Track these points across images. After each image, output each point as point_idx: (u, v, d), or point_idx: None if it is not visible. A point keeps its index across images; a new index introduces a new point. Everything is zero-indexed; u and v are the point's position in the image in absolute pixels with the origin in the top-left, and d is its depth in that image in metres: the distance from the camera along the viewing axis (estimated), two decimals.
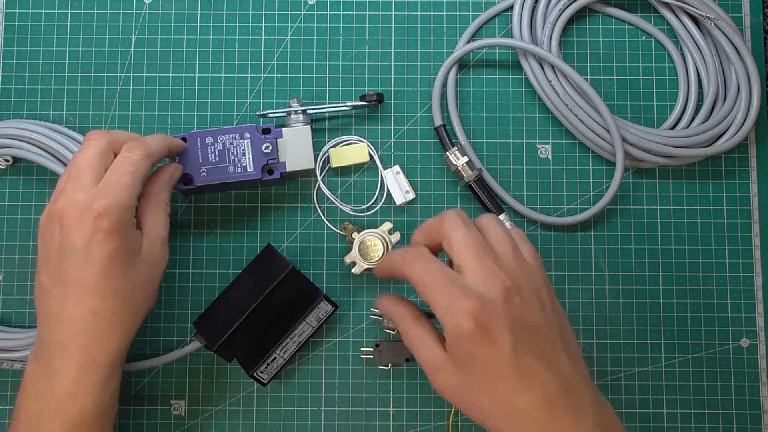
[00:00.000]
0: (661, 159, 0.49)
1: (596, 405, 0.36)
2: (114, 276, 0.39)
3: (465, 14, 0.52)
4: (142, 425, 0.49)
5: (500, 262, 0.36)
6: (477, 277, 0.35)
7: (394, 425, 0.49)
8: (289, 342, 0.47)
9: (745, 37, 0.52)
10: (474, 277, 0.35)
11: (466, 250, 0.36)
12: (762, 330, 0.50)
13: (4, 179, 0.50)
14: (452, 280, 0.35)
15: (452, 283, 0.35)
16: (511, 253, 0.37)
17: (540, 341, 0.35)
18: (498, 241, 0.38)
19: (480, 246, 0.36)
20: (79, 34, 0.52)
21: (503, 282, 0.35)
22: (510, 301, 0.35)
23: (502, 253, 0.37)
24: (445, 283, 0.35)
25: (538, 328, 0.35)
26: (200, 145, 0.46)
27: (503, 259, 0.37)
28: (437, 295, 0.35)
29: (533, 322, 0.35)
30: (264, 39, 0.52)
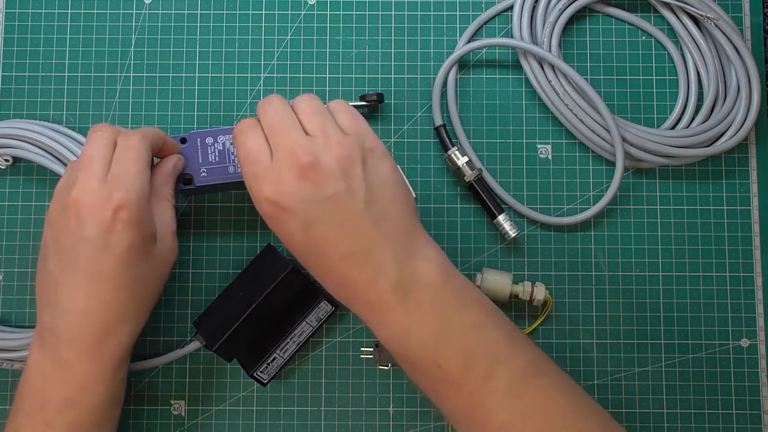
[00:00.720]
0: (661, 159, 0.49)
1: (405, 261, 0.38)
2: (129, 267, 0.39)
3: (465, 14, 0.52)
4: (142, 425, 0.49)
5: (302, 138, 0.38)
6: (277, 158, 0.38)
7: (394, 425, 0.49)
8: (289, 342, 0.47)
9: (745, 37, 0.52)
10: (276, 157, 0.38)
11: (270, 130, 0.39)
12: (762, 330, 0.50)
13: (4, 179, 0.50)
14: (258, 161, 0.38)
15: (257, 164, 0.38)
16: (319, 126, 0.39)
17: (336, 212, 0.37)
18: (307, 116, 0.39)
19: (283, 123, 0.39)
20: (79, 34, 0.52)
21: (299, 159, 0.37)
22: (304, 178, 0.37)
23: (310, 127, 0.39)
24: (251, 163, 0.38)
25: (335, 199, 0.37)
26: (200, 145, 0.46)
27: (310, 133, 0.39)
28: (245, 174, 0.39)
29: (329, 194, 0.37)
30: (264, 39, 0.52)
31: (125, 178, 0.39)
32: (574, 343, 0.49)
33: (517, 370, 0.38)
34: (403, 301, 0.37)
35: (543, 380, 0.38)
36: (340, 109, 0.41)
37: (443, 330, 0.37)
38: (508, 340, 0.39)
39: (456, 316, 0.38)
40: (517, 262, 0.50)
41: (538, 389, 0.38)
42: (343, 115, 0.40)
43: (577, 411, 0.38)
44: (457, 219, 0.50)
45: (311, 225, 0.37)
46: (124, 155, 0.41)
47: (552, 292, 0.50)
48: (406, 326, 0.38)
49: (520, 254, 0.50)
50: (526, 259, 0.50)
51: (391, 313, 0.38)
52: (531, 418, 0.37)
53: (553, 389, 0.38)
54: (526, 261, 0.50)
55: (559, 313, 0.50)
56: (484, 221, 0.50)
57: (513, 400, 0.37)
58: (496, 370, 0.37)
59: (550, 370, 0.39)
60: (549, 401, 0.38)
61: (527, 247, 0.50)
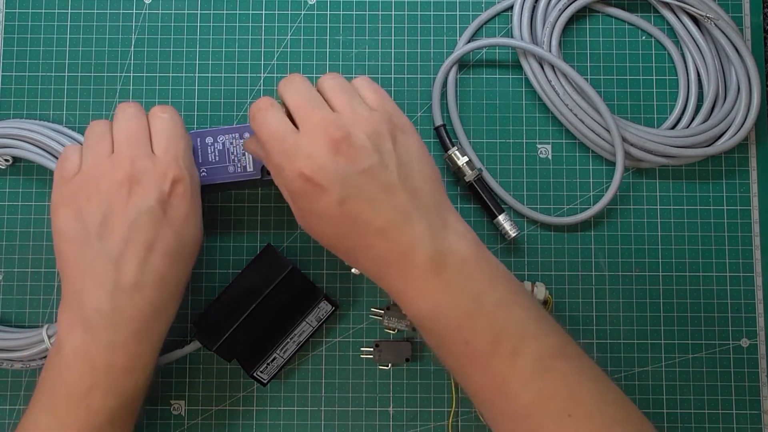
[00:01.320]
0: (661, 159, 0.49)
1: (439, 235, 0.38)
2: (184, 243, 0.40)
3: (465, 14, 0.52)
4: (142, 425, 0.49)
5: (331, 115, 0.38)
6: (307, 134, 0.37)
7: (394, 425, 0.49)
8: (289, 342, 0.47)
9: (745, 37, 0.52)
10: (305, 134, 0.38)
11: (297, 109, 0.38)
12: (762, 330, 0.50)
13: (4, 179, 0.50)
14: (285, 137, 0.38)
15: (284, 141, 0.38)
16: (347, 103, 0.39)
17: (370, 186, 0.37)
18: (333, 94, 0.39)
19: (311, 102, 0.38)
20: (79, 34, 0.52)
21: (331, 135, 0.37)
22: (337, 153, 0.37)
23: (337, 105, 0.39)
24: (279, 140, 0.38)
25: (369, 172, 0.37)
26: (200, 145, 0.46)
27: (338, 110, 0.38)
28: (272, 153, 0.38)
29: (363, 168, 0.37)
30: (264, 39, 0.52)
31: (177, 154, 0.41)
32: None
33: (543, 350, 0.37)
34: (437, 275, 0.37)
35: (568, 363, 0.38)
36: (365, 86, 0.41)
37: (474, 306, 0.37)
38: (536, 320, 0.38)
39: (487, 293, 0.38)
40: (517, 262, 0.50)
41: (563, 372, 0.37)
42: (368, 92, 0.40)
43: (601, 398, 0.38)
44: None
45: (347, 199, 0.37)
46: (171, 131, 0.41)
47: (552, 292, 0.50)
48: (438, 301, 0.37)
49: (520, 254, 0.50)
50: (526, 259, 0.50)
51: (425, 288, 0.37)
52: (553, 401, 0.37)
53: (578, 373, 0.38)
54: (526, 261, 0.50)
55: (559, 313, 0.50)
56: (484, 221, 0.50)
57: (537, 380, 0.37)
58: (523, 348, 0.37)
59: (576, 355, 0.39)
60: (573, 385, 0.37)
61: (527, 247, 0.50)
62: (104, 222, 0.39)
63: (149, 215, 0.39)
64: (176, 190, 0.40)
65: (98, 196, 0.39)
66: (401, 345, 0.48)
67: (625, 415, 0.38)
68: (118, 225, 0.39)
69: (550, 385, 0.37)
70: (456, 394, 0.49)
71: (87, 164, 0.40)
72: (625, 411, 0.38)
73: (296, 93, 0.39)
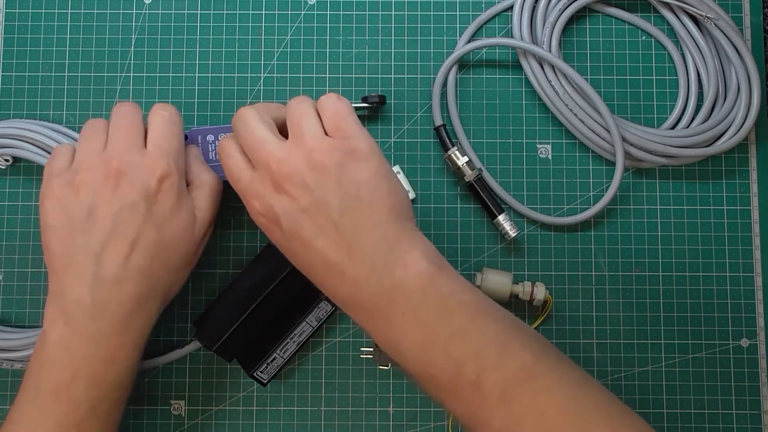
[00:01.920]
0: (661, 159, 0.49)
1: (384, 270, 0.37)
2: (168, 238, 0.40)
3: (465, 14, 0.52)
4: (142, 425, 0.49)
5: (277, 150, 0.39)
6: (257, 172, 0.39)
7: (394, 425, 0.49)
8: (289, 342, 0.47)
9: (745, 37, 0.52)
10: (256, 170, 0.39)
11: (246, 148, 0.40)
12: (762, 330, 0.50)
13: (4, 179, 0.50)
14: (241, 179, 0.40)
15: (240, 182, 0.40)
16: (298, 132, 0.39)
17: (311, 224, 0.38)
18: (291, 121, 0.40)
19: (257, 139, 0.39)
20: (79, 34, 0.52)
21: (273, 174, 0.38)
22: (280, 191, 0.38)
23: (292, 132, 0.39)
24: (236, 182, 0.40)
25: (309, 211, 0.38)
26: (200, 142, 0.46)
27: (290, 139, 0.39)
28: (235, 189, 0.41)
29: (303, 206, 0.38)
30: (264, 39, 0.52)
31: (168, 150, 0.41)
32: (574, 343, 0.49)
33: (507, 376, 0.36)
34: (385, 313, 0.37)
35: (538, 383, 0.36)
36: (327, 107, 0.40)
37: (429, 339, 0.37)
38: (497, 346, 0.37)
39: (440, 325, 0.37)
40: (517, 262, 0.50)
41: (531, 395, 0.36)
42: (328, 115, 0.40)
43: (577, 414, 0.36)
44: (457, 219, 0.50)
45: (291, 237, 0.38)
46: (166, 128, 0.42)
47: (552, 292, 0.50)
48: (393, 337, 0.37)
49: (520, 254, 0.50)
50: (526, 259, 0.50)
51: (377, 324, 0.38)
52: (524, 427, 0.35)
53: (548, 393, 0.36)
54: (526, 261, 0.50)
55: (559, 313, 0.50)
56: (484, 221, 0.50)
57: (504, 408, 0.36)
58: (484, 379, 0.36)
59: (549, 370, 0.37)
60: (544, 407, 0.36)
61: (527, 247, 0.50)
62: (89, 215, 0.40)
63: (133, 209, 0.39)
64: (163, 185, 0.40)
65: (85, 190, 0.40)
66: None
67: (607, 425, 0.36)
68: (101, 218, 0.39)
69: (517, 412, 0.35)
70: None
71: (78, 159, 0.41)
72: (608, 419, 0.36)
73: (243, 130, 0.40)
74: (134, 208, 0.40)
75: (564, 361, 0.38)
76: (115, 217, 0.39)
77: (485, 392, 0.36)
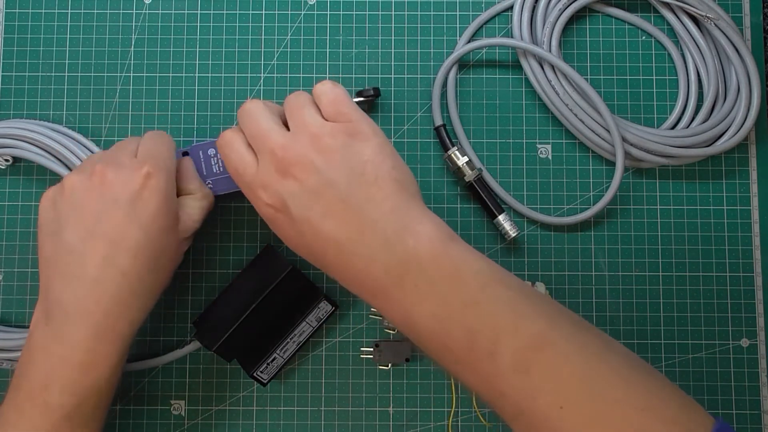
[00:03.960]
0: (661, 159, 0.49)
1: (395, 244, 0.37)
2: (150, 240, 0.40)
3: (465, 14, 0.52)
4: (142, 425, 0.49)
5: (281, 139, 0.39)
6: (262, 162, 0.39)
7: (394, 425, 0.49)
8: (289, 342, 0.47)
9: (745, 37, 0.52)
10: (261, 162, 0.39)
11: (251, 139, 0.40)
12: (762, 330, 0.50)
13: (4, 179, 0.50)
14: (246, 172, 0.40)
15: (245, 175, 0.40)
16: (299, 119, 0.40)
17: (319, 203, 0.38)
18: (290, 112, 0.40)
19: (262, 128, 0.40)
20: (79, 34, 0.52)
21: (279, 160, 0.38)
22: (286, 176, 0.38)
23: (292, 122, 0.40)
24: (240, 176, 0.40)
25: (317, 190, 0.38)
26: (203, 157, 0.46)
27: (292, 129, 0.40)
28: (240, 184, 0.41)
29: (310, 187, 0.38)
30: (264, 39, 0.52)
31: (156, 155, 0.42)
32: None
33: (522, 344, 0.35)
34: (399, 285, 0.37)
35: (553, 351, 0.35)
36: (324, 93, 0.41)
37: (443, 309, 0.36)
38: (510, 312, 0.36)
39: (454, 294, 0.36)
40: (517, 262, 0.50)
41: (547, 363, 0.35)
42: (325, 101, 0.41)
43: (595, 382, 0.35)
44: (457, 219, 0.50)
45: (301, 222, 0.38)
46: (155, 138, 0.44)
47: (552, 292, 0.50)
48: (407, 309, 0.37)
49: (520, 254, 0.50)
50: (526, 259, 0.50)
51: (391, 298, 0.37)
52: (541, 396, 0.35)
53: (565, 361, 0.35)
54: (526, 261, 0.50)
55: None
56: (484, 221, 0.50)
57: (521, 377, 0.35)
58: (499, 347, 0.35)
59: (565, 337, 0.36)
60: (560, 376, 0.35)
61: (527, 247, 0.50)
62: (75, 216, 0.40)
63: (116, 209, 0.40)
64: (149, 183, 0.40)
65: (73, 190, 0.41)
66: (401, 345, 0.48)
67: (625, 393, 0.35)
68: (87, 218, 0.40)
69: (535, 381, 0.35)
70: (456, 394, 0.49)
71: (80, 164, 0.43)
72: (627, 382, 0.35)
73: (249, 121, 0.40)
74: (118, 206, 0.40)
75: (580, 325, 0.38)
76: (98, 215, 0.40)
77: (501, 362, 0.35)
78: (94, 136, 0.50)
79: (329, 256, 0.38)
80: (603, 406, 0.35)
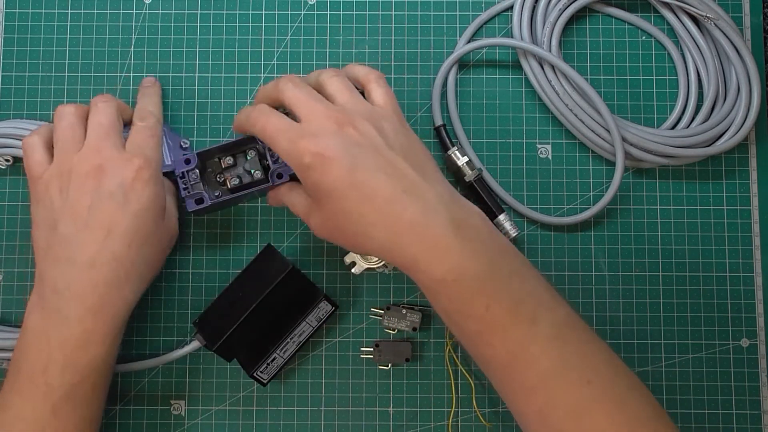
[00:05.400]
0: (661, 159, 0.49)
1: (451, 203, 0.39)
2: (142, 227, 0.42)
3: (465, 14, 0.52)
4: (142, 425, 0.49)
5: (333, 106, 0.40)
6: (311, 121, 0.39)
7: (394, 425, 0.49)
8: (289, 342, 0.47)
9: (745, 37, 0.52)
10: (309, 122, 0.40)
11: (298, 103, 0.40)
12: (762, 330, 0.50)
13: (4, 179, 0.50)
14: (290, 127, 0.40)
15: (290, 129, 0.40)
16: (348, 98, 0.41)
17: (377, 159, 0.39)
18: (334, 91, 0.42)
19: (310, 96, 0.41)
20: (79, 34, 0.52)
21: (334, 118, 0.39)
22: (342, 130, 0.39)
23: (339, 99, 0.41)
24: (284, 131, 0.40)
25: (375, 148, 0.39)
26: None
27: (339, 103, 0.41)
28: (279, 142, 0.40)
29: (368, 144, 0.39)
30: (264, 39, 0.52)
31: (145, 148, 0.43)
32: None
33: (558, 319, 0.39)
34: (456, 236, 0.37)
35: (581, 333, 0.39)
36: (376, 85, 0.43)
37: (493, 271, 0.38)
38: (547, 290, 0.40)
39: (503, 260, 0.39)
40: None
41: (577, 341, 0.39)
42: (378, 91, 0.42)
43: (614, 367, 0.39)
44: None
45: (356, 168, 0.38)
46: (144, 131, 0.44)
47: None
48: (459, 261, 0.37)
49: None
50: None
51: (447, 249, 0.37)
52: (572, 368, 0.38)
53: (590, 343, 0.39)
54: None
55: None
56: None
57: (556, 347, 0.38)
58: (540, 316, 0.38)
59: (585, 326, 0.40)
60: (588, 354, 0.39)
61: (527, 247, 0.50)
62: (70, 210, 0.41)
63: (110, 200, 0.41)
64: (140, 174, 0.42)
65: (68, 188, 0.42)
66: (401, 345, 0.48)
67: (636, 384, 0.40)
68: (80, 209, 0.41)
69: (567, 353, 0.38)
70: (456, 394, 0.49)
71: (58, 158, 0.43)
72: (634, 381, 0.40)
73: (297, 89, 0.41)
74: (112, 198, 0.41)
75: None
76: (91, 206, 0.41)
77: (540, 330, 0.38)
78: None
79: (376, 206, 0.38)
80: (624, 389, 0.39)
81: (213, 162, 0.47)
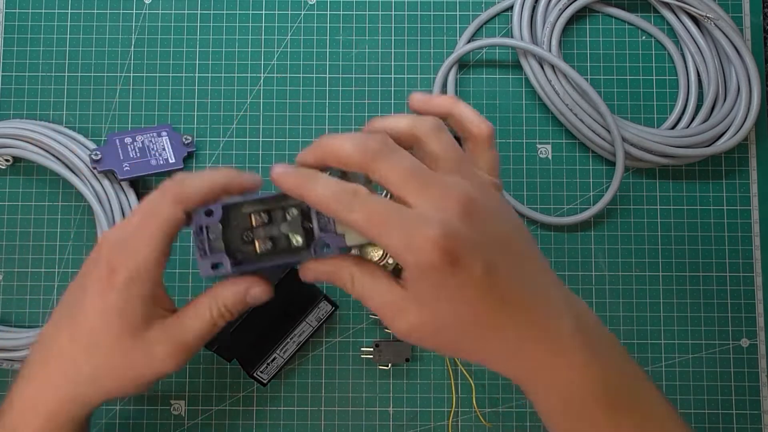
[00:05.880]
0: (661, 159, 0.49)
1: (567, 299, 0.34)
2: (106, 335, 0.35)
3: (465, 14, 0.52)
4: (142, 425, 0.49)
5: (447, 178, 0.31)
6: (428, 203, 0.30)
7: (394, 425, 0.49)
8: (289, 342, 0.47)
9: (745, 37, 0.52)
10: (424, 204, 0.30)
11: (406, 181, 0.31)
12: (762, 330, 0.50)
13: (4, 179, 0.50)
14: (403, 213, 0.30)
15: (404, 216, 0.30)
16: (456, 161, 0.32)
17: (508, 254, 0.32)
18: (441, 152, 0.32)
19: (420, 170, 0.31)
20: (79, 34, 0.52)
21: (458, 199, 0.30)
22: (471, 217, 0.30)
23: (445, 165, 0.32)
24: (396, 218, 0.30)
25: (505, 240, 0.32)
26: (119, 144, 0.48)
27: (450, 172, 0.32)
28: (390, 232, 0.30)
29: (498, 236, 0.32)
30: (264, 39, 0.52)
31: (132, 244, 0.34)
32: None
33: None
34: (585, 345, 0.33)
35: None
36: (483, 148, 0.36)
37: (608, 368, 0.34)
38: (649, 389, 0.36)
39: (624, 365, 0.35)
40: None
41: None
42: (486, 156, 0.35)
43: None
44: None
45: (493, 270, 0.31)
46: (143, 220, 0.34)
47: None
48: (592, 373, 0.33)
49: None
50: None
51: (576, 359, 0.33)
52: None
53: None
54: None
55: None
56: None
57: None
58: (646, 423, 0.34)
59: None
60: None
61: None
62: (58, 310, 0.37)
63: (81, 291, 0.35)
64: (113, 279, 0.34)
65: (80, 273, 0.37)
66: (401, 345, 0.48)
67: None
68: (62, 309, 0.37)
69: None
70: (456, 394, 0.49)
71: None
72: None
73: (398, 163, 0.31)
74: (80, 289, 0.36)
75: None
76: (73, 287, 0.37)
77: None
78: (94, 136, 0.50)
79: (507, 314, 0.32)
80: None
81: (239, 214, 0.34)
